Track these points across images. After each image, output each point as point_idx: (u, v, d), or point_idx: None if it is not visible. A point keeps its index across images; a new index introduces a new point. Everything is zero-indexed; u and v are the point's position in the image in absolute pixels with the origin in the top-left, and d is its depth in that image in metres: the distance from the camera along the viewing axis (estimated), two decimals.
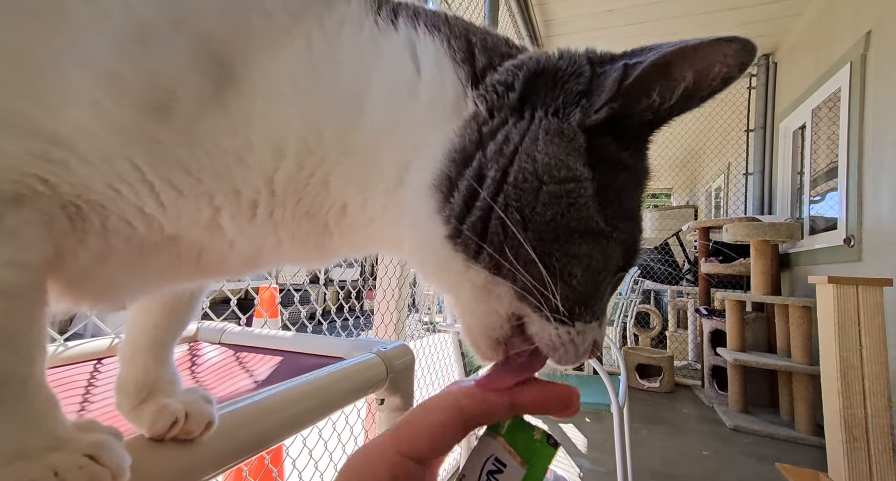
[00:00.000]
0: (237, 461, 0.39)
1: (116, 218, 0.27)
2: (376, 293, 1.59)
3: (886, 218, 2.02)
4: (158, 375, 0.37)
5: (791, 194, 3.18)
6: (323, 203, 0.30)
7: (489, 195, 0.27)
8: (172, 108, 0.25)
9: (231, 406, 0.41)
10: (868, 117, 2.21)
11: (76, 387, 0.55)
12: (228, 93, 0.26)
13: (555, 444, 0.25)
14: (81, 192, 0.26)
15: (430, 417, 0.24)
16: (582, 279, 0.27)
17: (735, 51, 0.27)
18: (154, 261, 0.30)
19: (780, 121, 3.31)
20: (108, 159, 0.25)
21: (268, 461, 1.09)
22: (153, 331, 0.38)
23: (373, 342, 0.68)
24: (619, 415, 1.34)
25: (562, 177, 0.27)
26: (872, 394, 1.60)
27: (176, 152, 0.26)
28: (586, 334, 0.28)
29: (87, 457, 0.25)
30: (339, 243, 0.32)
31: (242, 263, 0.32)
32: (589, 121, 0.28)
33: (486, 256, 0.27)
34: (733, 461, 2.01)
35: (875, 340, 1.62)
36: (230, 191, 0.28)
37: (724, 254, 3.15)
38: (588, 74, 0.28)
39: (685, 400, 2.91)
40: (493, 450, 0.25)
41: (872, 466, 1.57)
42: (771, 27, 3.14)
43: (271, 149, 0.28)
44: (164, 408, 0.34)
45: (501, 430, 0.25)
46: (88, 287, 0.30)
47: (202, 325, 0.81)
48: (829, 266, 2.44)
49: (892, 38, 2.05)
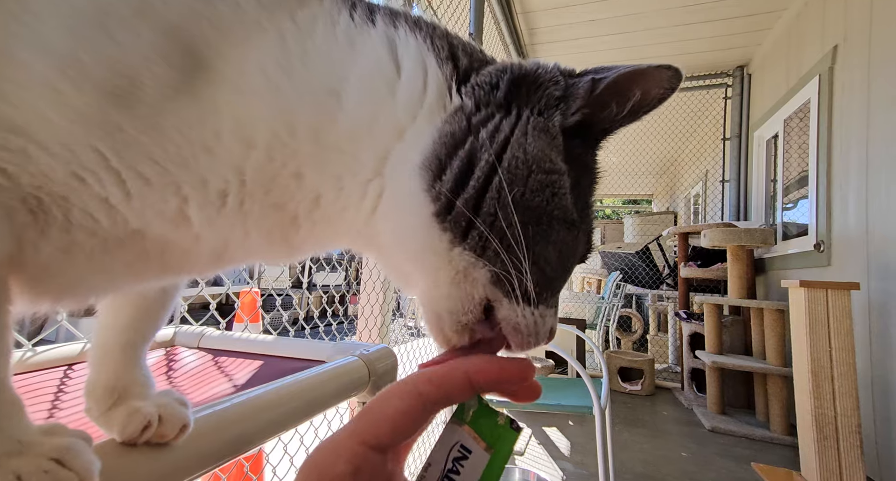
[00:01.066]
0: (214, 465, 0.38)
1: (79, 211, 0.26)
2: (360, 297, 1.58)
3: (853, 224, 2.11)
4: (130, 378, 0.36)
5: (765, 201, 3.29)
6: (294, 194, 0.30)
7: (483, 176, 0.28)
8: (136, 95, 0.25)
9: (208, 408, 0.40)
10: (836, 128, 2.31)
11: (45, 393, 0.53)
12: (197, 82, 0.26)
13: (517, 428, 0.26)
14: (42, 183, 0.25)
15: (390, 404, 0.24)
16: (556, 264, 0.30)
17: (669, 76, 0.32)
18: (119, 257, 0.29)
19: (754, 131, 3.43)
20: (70, 147, 0.25)
21: (247, 468, 1.07)
22: (124, 333, 0.37)
23: (355, 345, 0.68)
24: (602, 418, 1.35)
25: (547, 168, 0.29)
26: (841, 395, 1.66)
27: (140, 140, 0.25)
28: (546, 318, 0.30)
29: (53, 461, 0.24)
30: (305, 236, 0.32)
31: (208, 258, 0.32)
32: (566, 123, 0.31)
33: (476, 236, 0.28)
34: (711, 462, 2.05)
35: (844, 342, 1.68)
36: (197, 180, 0.28)
37: (703, 259, 3.23)
38: (563, 83, 0.32)
39: (665, 403, 2.96)
40: (458, 437, 0.25)
41: (842, 463, 1.62)
42: (745, 39, 3.26)
43: (240, 140, 0.27)
44: (136, 412, 0.33)
45: (466, 418, 0.26)
46: (50, 283, 0.29)
47: (179, 330, 0.80)
48: (801, 270, 2.53)
49: (857, 52, 2.16)
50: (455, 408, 0.26)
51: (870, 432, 1.86)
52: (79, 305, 0.33)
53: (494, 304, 0.29)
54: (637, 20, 3.07)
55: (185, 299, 0.89)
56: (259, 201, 0.29)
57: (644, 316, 4.28)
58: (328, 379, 0.56)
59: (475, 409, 0.26)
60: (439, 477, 0.24)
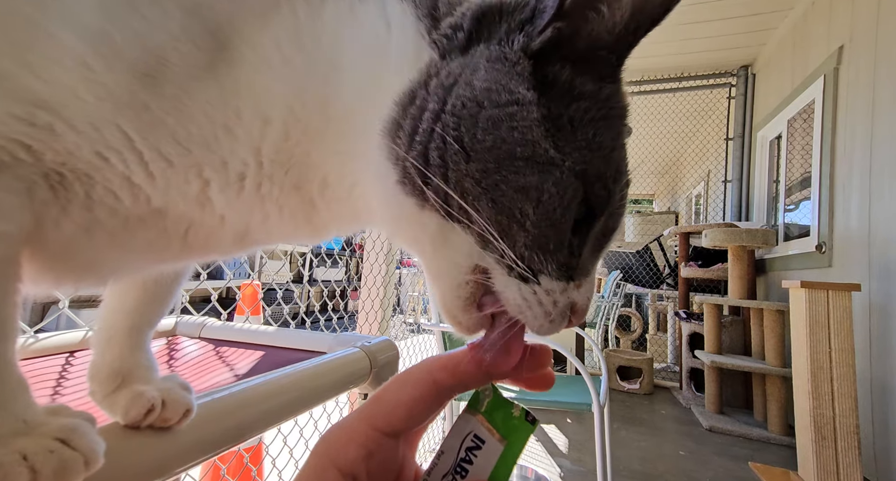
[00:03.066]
0: (216, 451, 0.38)
1: (102, 188, 0.26)
2: (361, 293, 1.58)
3: (855, 226, 2.11)
4: (134, 362, 0.36)
5: (767, 202, 3.29)
6: (307, 175, 0.29)
7: (428, 126, 0.26)
8: (164, 75, 0.25)
9: (211, 396, 0.40)
10: (840, 129, 2.31)
11: (47, 379, 0.53)
12: (219, 62, 0.26)
13: (532, 421, 0.25)
14: (66, 160, 0.25)
15: (404, 391, 0.24)
16: (535, 218, 0.25)
17: None
18: (140, 236, 0.29)
19: (757, 131, 3.42)
20: (97, 125, 0.25)
21: (247, 460, 1.07)
22: (130, 316, 0.37)
23: (356, 337, 0.68)
24: (600, 416, 1.36)
25: (503, 100, 0.25)
26: (840, 396, 1.66)
27: (166, 120, 0.25)
28: (556, 294, 0.26)
29: (58, 441, 0.24)
30: (326, 218, 0.32)
31: (233, 240, 0.32)
32: (534, 44, 0.26)
33: (433, 192, 0.26)
34: (708, 460, 2.05)
35: (844, 343, 1.68)
36: (218, 162, 0.27)
37: (704, 259, 3.23)
38: (532, 5, 0.27)
39: (663, 402, 2.97)
40: (472, 427, 0.25)
41: (839, 464, 1.63)
42: (749, 39, 3.25)
43: (259, 118, 0.27)
44: (140, 395, 0.33)
45: (481, 408, 0.25)
46: (72, 263, 0.29)
47: (181, 320, 0.80)
48: (802, 271, 2.53)
49: (863, 53, 2.15)
50: (470, 397, 0.26)
51: (868, 433, 1.87)
52: (99, 285, 0.33)
53: (491, 276, 0.26)
54: None
55: (186, 291, 0.89)
56: (278, 184, 0.29)
57: (643, 315, 4.28)
58: (330, 370, 0.56)
59: (490, 399, 0.26)
60: (452, 465, 0.24)
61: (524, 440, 0.25)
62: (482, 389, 0.26)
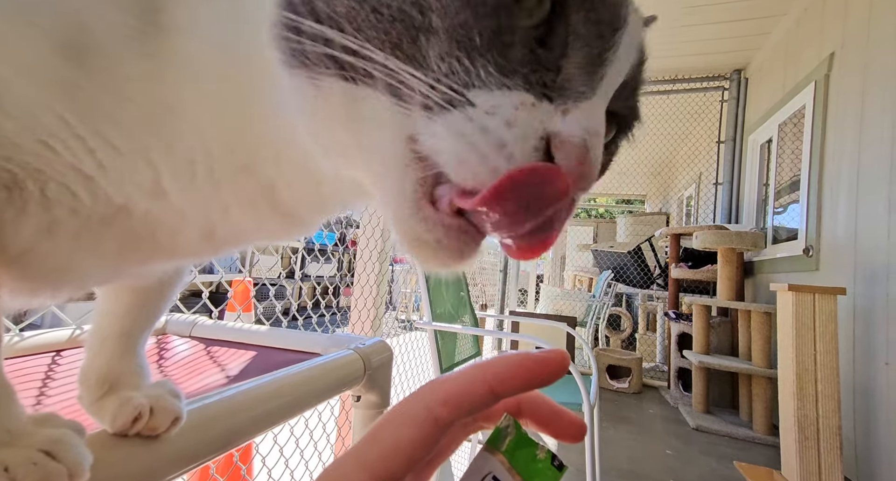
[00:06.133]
0: (205, 459, 0.38)
1: (56, 184, 0.24)
2: (354, 289, 1.57)
3: (842, 230, 2.15)
4: (123, 368, 0.35)
5: (756, 205, 3.33)
6: (258, 152, 0.26)
7: None
8: (87, 46, 0.22)
9: (200, 401, 0.39)
10: (829, 135, 2.34)
11: (32, 380, 0.52)
12: (152, 30, 0.23)
13: (560, 466, 0.22)
14: (11, 154, 0.23)
15: (402, 434, 0.20)
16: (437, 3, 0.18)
17: None
18: (107, 238, 0.27)
19: (749, 135, 3.46)
20: (31, 110, 0.22)
21: (236, 458, 1.06)
22: (121, 321, 0.36)
23: (350, 338, 0.67)
24: (590, 415, 1.37)
25: None
26: (824, 397, 1.69)
27: (101, 100, 0.23)
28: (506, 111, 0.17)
29: (42, 453, 0.23)
30: (291, 201, 0.28)
31: (200, 238, 0.29)
32: None
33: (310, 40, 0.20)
34: (694, 459, 2.08)
35: (828, 345, 1.71)
36: (164, 146, 0.25)
37: (694, 260, 3.27)
38: None
39: (652, 401, 3.00)
40: (490, 467, 0.22)
41: (821, 464, 1.66)
42: (743, 43, 3.28)
43: (196, 90, 0.24)
44: (127, 402, 0.32)
45: (502, 446, 0.22)
46: (40, 269, 0.27)
47: (171, 318, 0.78)
48: (790, 274, 2.57)
49: (854, 60, 2.18)
50: (490, 434, 0.23)
51: (849, 434, 1.91)
52: (79, 292, 0.31)
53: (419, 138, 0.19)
54: None
55: None
56: (229, 166, 0.26)
57: (633, 315, 4.32)
58: (323, 373, 0.55)
59: (512, 437, 0.22)
60: None
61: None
62: (503, 426, 0.23)
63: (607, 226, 6.54)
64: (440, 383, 0.21)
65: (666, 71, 3.74)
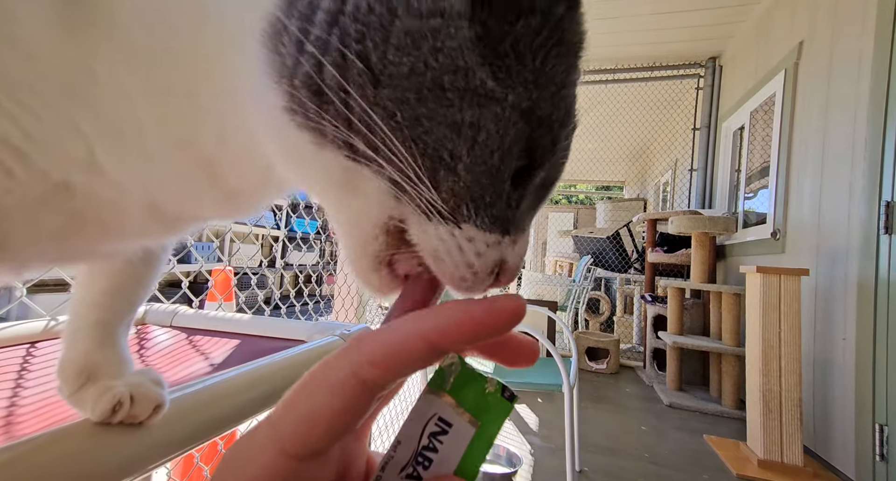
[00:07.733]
0: (190, 447, 0.38)
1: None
2: (337, 277, 1.57)
3: (807, 214, 2.25)
4: (102, 358, 0.35)
5: (729, 190, 3.44)
6: (194, 127, 0.25)
7: (322, 33, 0.20)
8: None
9: (184, 389, 0.39)
10: (797, 122, 2.42)
11: (7, 373, 0.51)
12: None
13: (510, 397, 0.20)
14: None
15: (322, 402, 0.17)
16: (469, 161, 0.20)
17: None
18: (51, 217, 0.26)
19: (722, 122, 3.55)
20: None
21: (221, 446, 1.06)
22: (96, 309, 0.35)
23: (335, 325, 0.68)
24: (570, 396, 1.42)
25: (423, 9, 0.19)
26: (787, 372, 1.80)
27: (9, 60, 0.21)
28: (480, 245, 0.21)
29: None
30: (234, 181, 0.26)
31: (146, 217, 0.28)
32: None
33: (331, 123, 0.20)
34: (668, 434, 2.19)
35: (791, 324, 1.81)
36: (92, 114, 0.23)
37: (669, 245, 3.37)
38: None
39: (628, 381, 3.12)
40: (436, 409, 0.20)
41: (783, 434, 1.77)
42: (718, 31, 3.33)
43: (120, 51, 0.22)
44: (107, 391, 0.32)
45: (446, 385, 0.20)
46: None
47: (151, 308, 0.77)
48: (758, 257, 2.68)
49: (821, 49, 2.25)
50: (432, 374, 0.21)
51: (809, 406, 2.03)
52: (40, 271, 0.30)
53: (406, 226, 0.22)
54: (614, 7, 3.08)
55: None
56: (162, 139, 0.25)
57: (612, 298, 4.45)
58: (308, 359, 0.56)
59: (457, 374, 0.20)
60: (411, 456, 0.19)
61: (501, 420, 0.20)
62: (447, 363, 0.20)
63: (587, 212, 6.65)
64: (368, 339, 0.18)
65: (644, 58, 3.78)
